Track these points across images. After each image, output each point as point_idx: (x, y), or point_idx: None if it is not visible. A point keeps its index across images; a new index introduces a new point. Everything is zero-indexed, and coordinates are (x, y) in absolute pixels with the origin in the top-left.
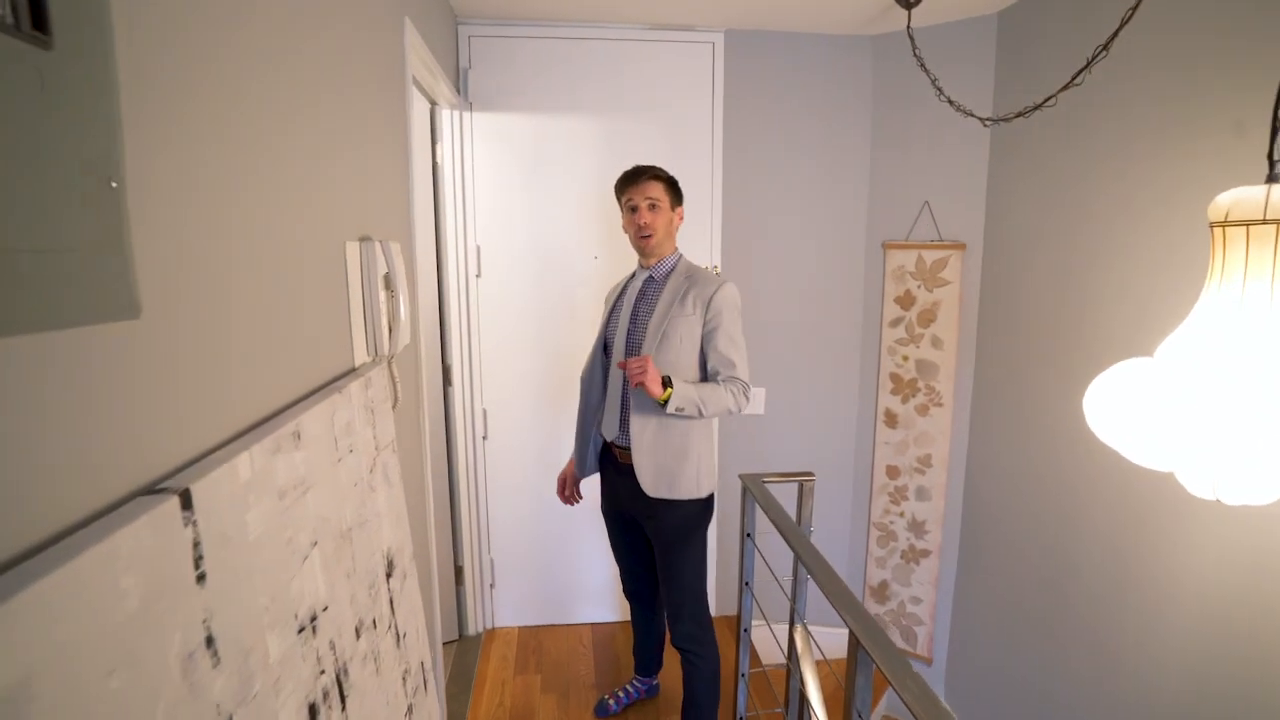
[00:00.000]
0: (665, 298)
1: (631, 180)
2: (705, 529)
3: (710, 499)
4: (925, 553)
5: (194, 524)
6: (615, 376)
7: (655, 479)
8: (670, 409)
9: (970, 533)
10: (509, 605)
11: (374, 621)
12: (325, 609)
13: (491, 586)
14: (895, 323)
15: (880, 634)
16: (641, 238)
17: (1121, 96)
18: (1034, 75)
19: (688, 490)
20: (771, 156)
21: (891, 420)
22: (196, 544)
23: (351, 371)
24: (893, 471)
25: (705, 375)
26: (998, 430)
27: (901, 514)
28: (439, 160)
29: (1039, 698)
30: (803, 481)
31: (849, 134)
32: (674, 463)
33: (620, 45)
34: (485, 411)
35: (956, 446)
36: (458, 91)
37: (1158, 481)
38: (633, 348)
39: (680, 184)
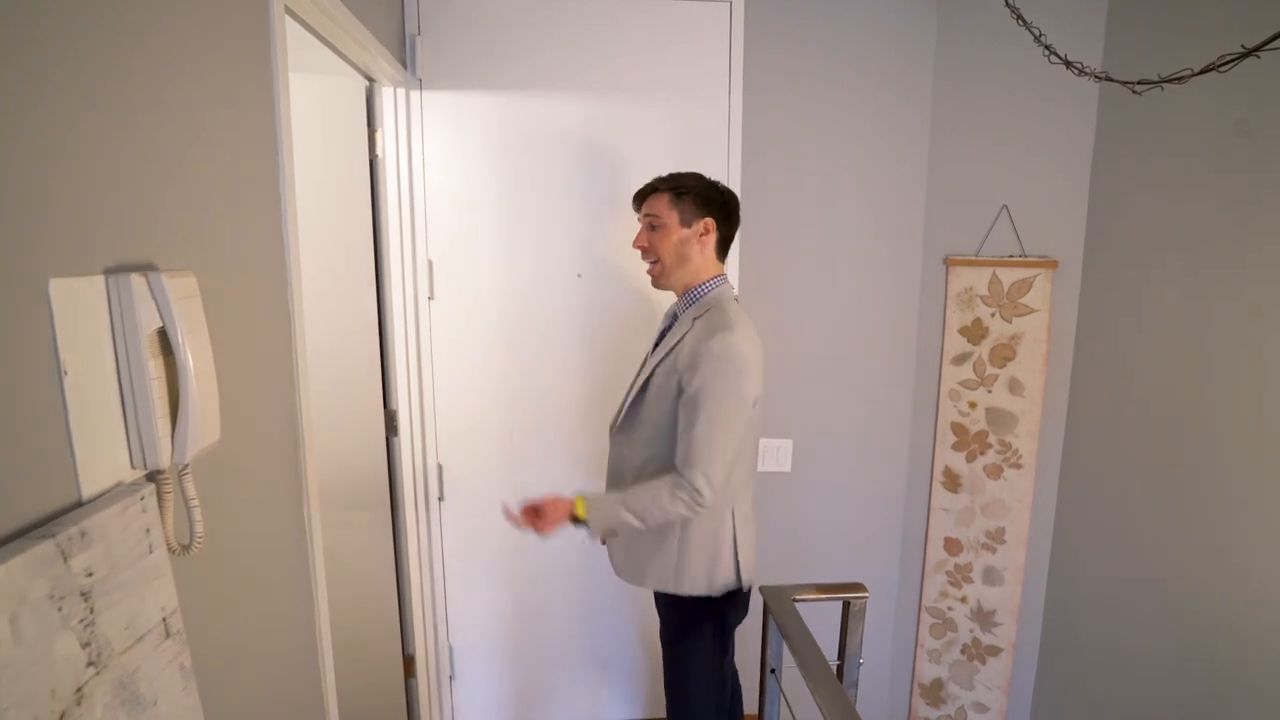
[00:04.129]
0: (668, 339)
1: (636, 198)
2: (710, 632)
3: (726, 599)
4: (994, 650)
5: None
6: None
7: (625, 559)
8: (595, 534)
9: (1057, 629)
10: (474, 702)
11: None
12: None
13: (451, 679)
14: (960, 360)
15: None
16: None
17: None
18: (1166, 28)
19: (660, 582)
20: (803, 147)
21: (953, 482)
22: None
23: (38, 527)
24: (953, 546)
25: None
26: (1098, 503)
27: (963, 599)
28: (379, 153)
29: None
30: (850, 599)
31: (902, 119)
32: (644, 547)
33: (612, 5)
34: (441, 467)
35: (1039, 520)
36: (403, 65)
37: None
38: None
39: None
